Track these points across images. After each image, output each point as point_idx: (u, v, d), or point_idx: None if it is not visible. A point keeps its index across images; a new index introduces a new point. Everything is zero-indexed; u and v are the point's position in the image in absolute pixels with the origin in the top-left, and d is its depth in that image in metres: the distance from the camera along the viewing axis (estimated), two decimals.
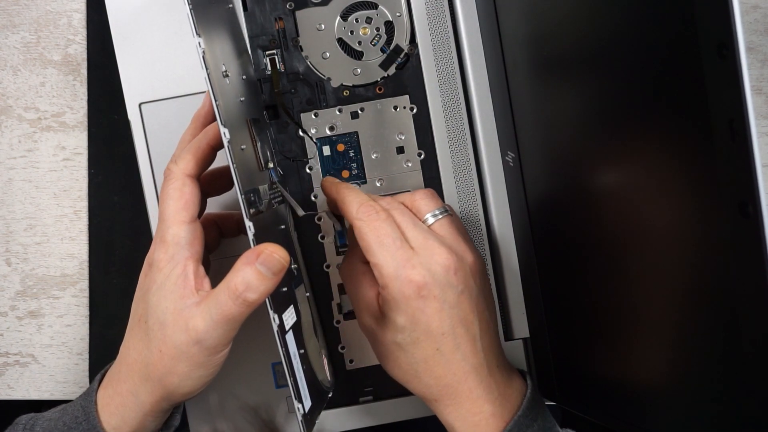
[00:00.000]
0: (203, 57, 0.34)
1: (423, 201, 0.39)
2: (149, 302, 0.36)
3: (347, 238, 0.44)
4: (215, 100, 0.34)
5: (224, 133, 0.34)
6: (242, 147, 0.37)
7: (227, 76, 0.38)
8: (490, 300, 0.40)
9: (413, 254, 0.36)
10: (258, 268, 0.33)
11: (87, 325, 0.48)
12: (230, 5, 0.43)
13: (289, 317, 0.38)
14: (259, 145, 0.40)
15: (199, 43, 0.34)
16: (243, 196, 0.34)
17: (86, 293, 0.48)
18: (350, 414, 0.45)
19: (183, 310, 0.35)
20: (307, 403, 0.37)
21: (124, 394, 0.36)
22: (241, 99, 0.40)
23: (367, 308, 0.38)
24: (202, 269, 0.36)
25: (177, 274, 0.35)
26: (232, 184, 0.42)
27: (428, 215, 0.39)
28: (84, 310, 0.49)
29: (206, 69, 0.34)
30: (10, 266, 0.49)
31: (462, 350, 0.37)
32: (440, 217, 0.39)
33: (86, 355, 0.49)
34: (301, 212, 0.43)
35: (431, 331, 0.36)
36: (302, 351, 0.39)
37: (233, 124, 0.36)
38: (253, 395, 0.45)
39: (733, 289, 0.27)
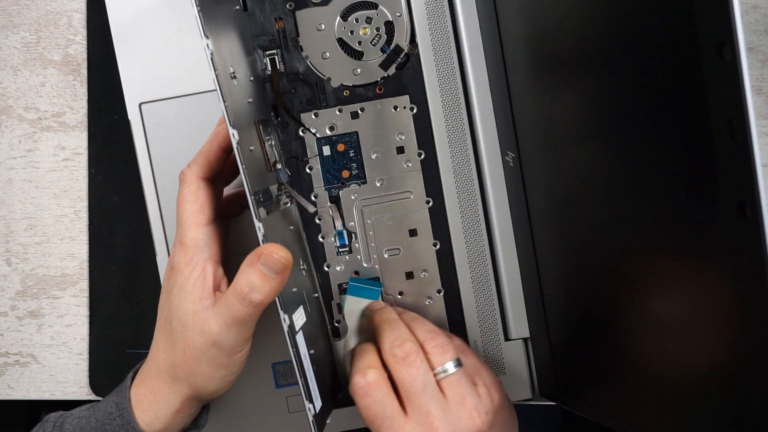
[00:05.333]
0: (211, 59, 0.34)
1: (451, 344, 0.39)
2: (172, 304, 0.37)
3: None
4: (223, 102, 0.34)
5: (233, 135, 0.34)
6: (251, 148, 0.37)
7: (235, 77, 0.38)
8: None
9: (445, 403, 0.37)
10: (260, 268, 0.34)
11: (87, 325, 0.49)
12: (238, 6, 0.43)
13: (299, 318, 0.38)
14: (267, 146, 0.40)
15: (207, 44, 0.34)
16: (252, 197, 0.34)
17: (86, 293, 0.48)
18: (350, 414, 0.45)
19: (200, 311, 0.35)
20: (318, 404, 0.37)
21: (156, 392, 0.37)
22: (249, 100, 0.40)
23: None
24: (221, 270, 0.37)
25: (196, 276, 0.36)
26: (246, 206, 0.43)
27: (449, 363, 0.38)
28: (84, 310, 0.49)
29: (215, 71, 0.34)
30: (10, 266, 0.49)
31: None
32: (457, 368, 0.39)
33: (86, 355, 0.49)
34: (312, 209, 0.43)
35: None
36: (312, 351, 0.39)
37: (242, 126, 0.36)
38: (253, 395, 0.45)
39: (732, 289, 0.27)
